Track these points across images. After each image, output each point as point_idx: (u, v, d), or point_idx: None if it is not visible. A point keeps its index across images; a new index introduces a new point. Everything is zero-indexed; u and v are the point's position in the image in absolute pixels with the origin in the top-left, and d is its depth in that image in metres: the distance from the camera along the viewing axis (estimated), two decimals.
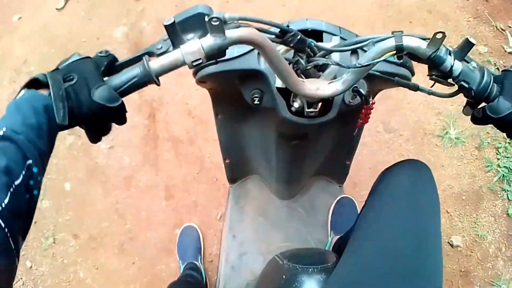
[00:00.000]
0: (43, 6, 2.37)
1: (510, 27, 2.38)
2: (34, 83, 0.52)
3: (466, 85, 0.61)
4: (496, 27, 2.36)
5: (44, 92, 0.51)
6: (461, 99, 0.65)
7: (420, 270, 0.70)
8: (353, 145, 1.20)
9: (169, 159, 1.84)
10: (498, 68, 2.17)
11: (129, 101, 1.90)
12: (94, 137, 0.59)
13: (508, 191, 1.78)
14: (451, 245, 1.69)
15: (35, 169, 0.47)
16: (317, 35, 0.76)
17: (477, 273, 1.67)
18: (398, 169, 0.86)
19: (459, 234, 1.72)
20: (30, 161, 0.46)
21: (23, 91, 0.52)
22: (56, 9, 2.34)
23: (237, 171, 1.42)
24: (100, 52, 0.59)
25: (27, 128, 0.47)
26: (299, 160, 1.14)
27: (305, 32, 0.75)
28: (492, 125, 0.63)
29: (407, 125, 1.89)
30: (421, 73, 0.80)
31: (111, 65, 0.60)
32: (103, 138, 0.60)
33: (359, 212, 0.92)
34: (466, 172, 1.82)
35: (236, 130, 1.14)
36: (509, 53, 2.27)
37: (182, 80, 1.93)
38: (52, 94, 0.49)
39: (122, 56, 0.62)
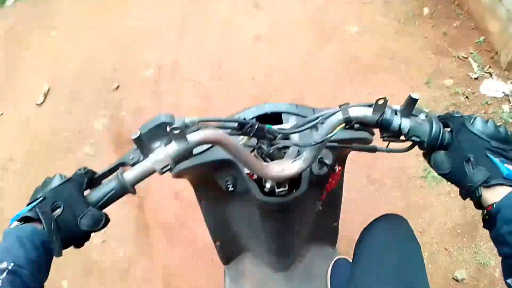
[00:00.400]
0: (23, 102, 2.44)
1: (472, 53, 2.52)
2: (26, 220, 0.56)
3: (418, 139, 0.64)
4: (458, 57, 2.49)
5: (38, 225, 0.55)
6: None
7: None
8: (335, 207, 1.23)
9: (162, 247, 1.83)
10: (467, 97, 2.26)
11: None
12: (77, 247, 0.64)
13: None
14: (457, 280, 1.67)
15: None
16: (278, 116, 0.82)
17: None
18: (375, 228, 0.90)
19: (462, 268, 1.70)
20: None
21: (16, 223, 0.56)
22: (36, 104, 2.41)
23: (229, 251, 1.41)
24: (79, 170, 0.64)
25: (29, 263, 0.51)
26: (287, 232, 1.15)
27: (265, 115, 0.81)
28: None
29: (389, 173, 1.93)
30: None
31: (91, 179, 0.65)
32: (95, 233, 0.64)
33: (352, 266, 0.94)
34: (456, 205, 1.84)
35: (221, 212, 1.16)
36: (475, 79, 2.37)
37: None
38: (47, 231, 0.54)
39: (105, 148, 0.66)
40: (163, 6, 3.10)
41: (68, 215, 0.56)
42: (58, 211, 0.56)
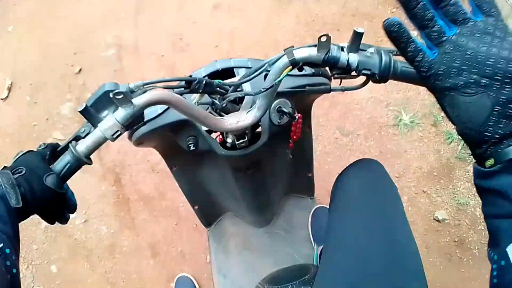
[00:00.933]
0: None
1: None
2: None
3: (368, 72, 0.64)
4: None
5: None
6: (405, 85, 0.69)
7: (396, 265, 0.72)
8: (307, 157, 1.25)
9: (145, 218, 1.85)
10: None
11: (92, 171, 1.92)
12: (50, 222, 0.63)
13: None
14: (438, 221, 1.73)
15: (7, 250, 0.51)
16: (230, 72, 0.82)
17: (471, 238, 1.71)
18: (350, 173, 0.89)
19: (442, 208, 1.77)
20: (1, 245, 0.50)
21: None
22: (1, 99, 2.36)
23: (209, 214, 1.44)
24: (39, 146, 0.64)
25: None
26: (262, 187, 1.17)
27: (218, 72, 0.81)
28: None
29: (362, 124, 1.96)
30: None
31: (54, 153, 0.65)
32: (76, 214, 0.64)
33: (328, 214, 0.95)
34: (430, 150, 1.88)
35: (194, 176, 1.17)
36: None
37: None
38: (2, 183, 0.53)
39: (75, 129, 0.66)
40: None
41: (31, 175, 0.56)
42: (20, 174, 0.56)
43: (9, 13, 3.14)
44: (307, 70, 0.81)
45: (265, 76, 0.78)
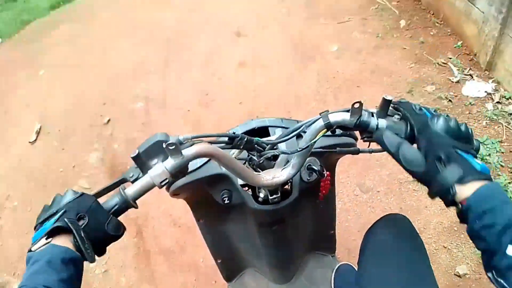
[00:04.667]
0: (16, 141, 2.46)
1: (451, 58, 2.60)
2: (55, 231, 0.57)
3: None
4: (438, 63, 2.57)
5: (63, 241, 0.57)
6: None
7: None
8: (330, 215, 1.26)
9: (164, 272, 1.84)
10: (450, 100, 2.33)
11: None
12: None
13: None
14: (459, 276, 1.68)
15: None
16: (265, 130, 0.87)
17: None
18: (378, 228, 0.92)
19: (463, 263, 1.72)
20: None
21: (43, 241, 0.56)
22: (29, 142, 2.44)
23: (230, 268, 1.44)
24: (66, 191, 0.65)
25: (61, 283, 0.53)
26: (285, 243, 1.18)
27: (253, 130, 0.86)
28: None
29: (381, 180, 1.97)
30: None
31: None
32: (96, 263, 0.67)
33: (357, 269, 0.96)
34: None
35: (219, 230, 1.19)
36: (457, 82, 2.45)
37: (163, 193, 2.00)
38: (77, 240, 0.56)
39: (100, 180, 0.70)
40: (147, 41, 3.19)
41: (95, 223, 0.59)
42: (83, 221, 0.58)
43: (41, 58, 3.32)
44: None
45: (297, 135, 0.83)
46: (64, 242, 0.57)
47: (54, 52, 3.37)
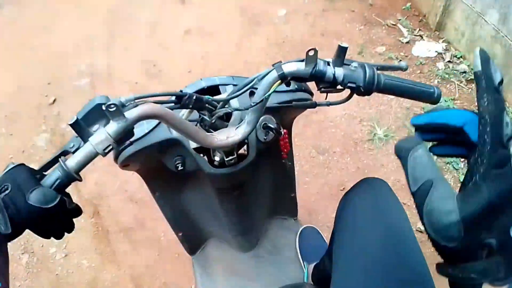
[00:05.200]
0: None
1: (399, 19, 2.65)
2: None
3: (354, 85, 0.65)
4: (387, 25, 2.61)
5: None
6: (377, 100, 0.70)
7: (408, 275, 0.72)
8: (290, 176, 1.25)
9: (126, 250, 1.79)
10: (401, 60, 2.37)
11: None
12: (45, 237, 0.60)
13: (452, 162, 1.89)
14: (421, 231, 1.74)
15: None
16: (215, 89, 0.82)
17: None
18: (357, 193, 0.88)
19: None
20: None
21: None
22: None
23: (193, 241, 1.41)
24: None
25: None
26: (246, 209, 1.15)
27: (203, 90, 0.81)
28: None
29: (337, 141, 1.99)
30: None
31: (44, 168, 0.62)
32: (57, 248, 0.61)
33: (329, 239, 0.93)
34: None
35: (177, 202, 1.15)
36: (406, 43, 2.50)
37: (115, 170, 1.93)
38: None
39: None
40: (89, 16, 3.04)
41: (16, 193, 0.53)
42: (6, 192, 0.53)
43: None
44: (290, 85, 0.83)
45: (250, 93, 0.79)
46: None
47: None
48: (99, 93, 2.33)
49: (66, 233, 0.63)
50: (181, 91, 0.66)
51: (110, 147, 0.57)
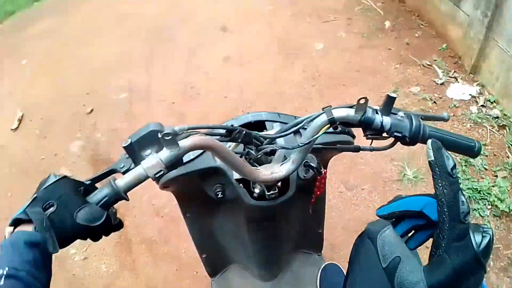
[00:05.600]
0: None
1: (435, 60, 2.63)
2: (18, 221, 0.55)
3: (400, 135, 0.66)
4: (423, 65, 2.60)
5: (30, 227, 0.54)
6: None
7: None
8: (320, 213, 1.25)
9: (146, 262, 1.81)
10: (435, 102, 2.35)
11: None
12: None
13: (478, 209, 1.85)
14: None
15: None
16: (261, 124, 0.84)
17: None
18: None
19: None
20: None
21: (9, 230, 0.54)
22: (11, 129, 2.39)
23: (215, 263, 1.41)
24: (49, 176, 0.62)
25: (25, 264, 0.50)
26: (273, 240, 1.16)
27: (249, 124, 0.84)
28: None
29: (366, 178, 1.98)
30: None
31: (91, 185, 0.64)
32: (76, 250, 0.62)
33: (344, 280, 0.92)
34: None
35: (206, 225, 1.16)
36: (441, 84, 2.48)
37: (145, 182, 1.96)
38: (38, 229, 0.52)
39: (82, 169, 0.66)
40: (131, 34, 3.16)
41: (63, 211, 0.55)
42: (52, 209, 0.55)
43: (24, 48, 3.25)
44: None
45: (295, 132, 0.81)
46: (31, 227, 0.54)
47: (37, 42, 3.31)
48: (136, 109, 2.41)
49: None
50: (232, 124, 0.69)
51: (161, 172, 0.60)
